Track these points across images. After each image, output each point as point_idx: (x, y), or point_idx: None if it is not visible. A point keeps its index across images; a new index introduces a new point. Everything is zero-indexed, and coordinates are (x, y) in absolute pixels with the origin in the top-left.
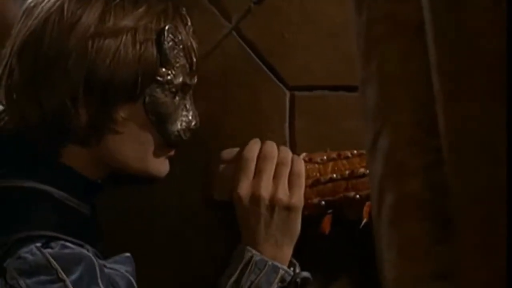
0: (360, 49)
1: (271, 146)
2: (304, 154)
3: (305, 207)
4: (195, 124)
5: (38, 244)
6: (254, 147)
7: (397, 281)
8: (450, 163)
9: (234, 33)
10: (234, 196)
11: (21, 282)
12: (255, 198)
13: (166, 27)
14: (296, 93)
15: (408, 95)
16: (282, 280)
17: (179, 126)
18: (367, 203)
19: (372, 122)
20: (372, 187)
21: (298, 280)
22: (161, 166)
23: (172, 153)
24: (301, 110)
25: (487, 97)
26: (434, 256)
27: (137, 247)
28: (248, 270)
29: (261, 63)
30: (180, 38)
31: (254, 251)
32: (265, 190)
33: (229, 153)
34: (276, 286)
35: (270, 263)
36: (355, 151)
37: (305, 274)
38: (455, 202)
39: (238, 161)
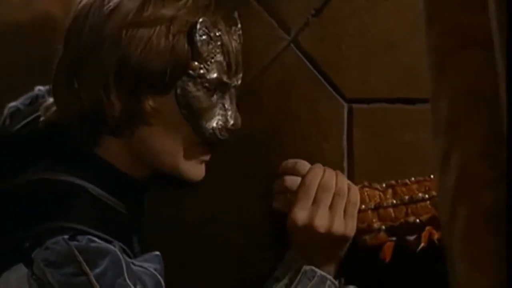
0: (431, 61)
1: (331, 176)
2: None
3: (366, 231)
4: (233, 125)
5: (66, 236)
6: (317, 173)
7: None
8: None
9: (292, 45)
10: (290, 219)
11: (47, 273)
12: (311, 226)
13: (200, 20)
14: (354, 105)
15: (480, 107)
16: None
17: (214, 124)
18: (427, 228)
19: (443, 135)
20: (443, 199)
21: None
22: (193, 168)
23: (207, 157)
24: (359, 122)
25: None
26: (505, 268)
27: (195, 259)
28: (297, 279)
29: (319, 76)
30: (217, 34)
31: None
32: (321, 221)
33: (298, 166)
34: None
35: (319, 273)
36: (413, 178)
37: (352, 287)
38: None
39: (300, 184)
